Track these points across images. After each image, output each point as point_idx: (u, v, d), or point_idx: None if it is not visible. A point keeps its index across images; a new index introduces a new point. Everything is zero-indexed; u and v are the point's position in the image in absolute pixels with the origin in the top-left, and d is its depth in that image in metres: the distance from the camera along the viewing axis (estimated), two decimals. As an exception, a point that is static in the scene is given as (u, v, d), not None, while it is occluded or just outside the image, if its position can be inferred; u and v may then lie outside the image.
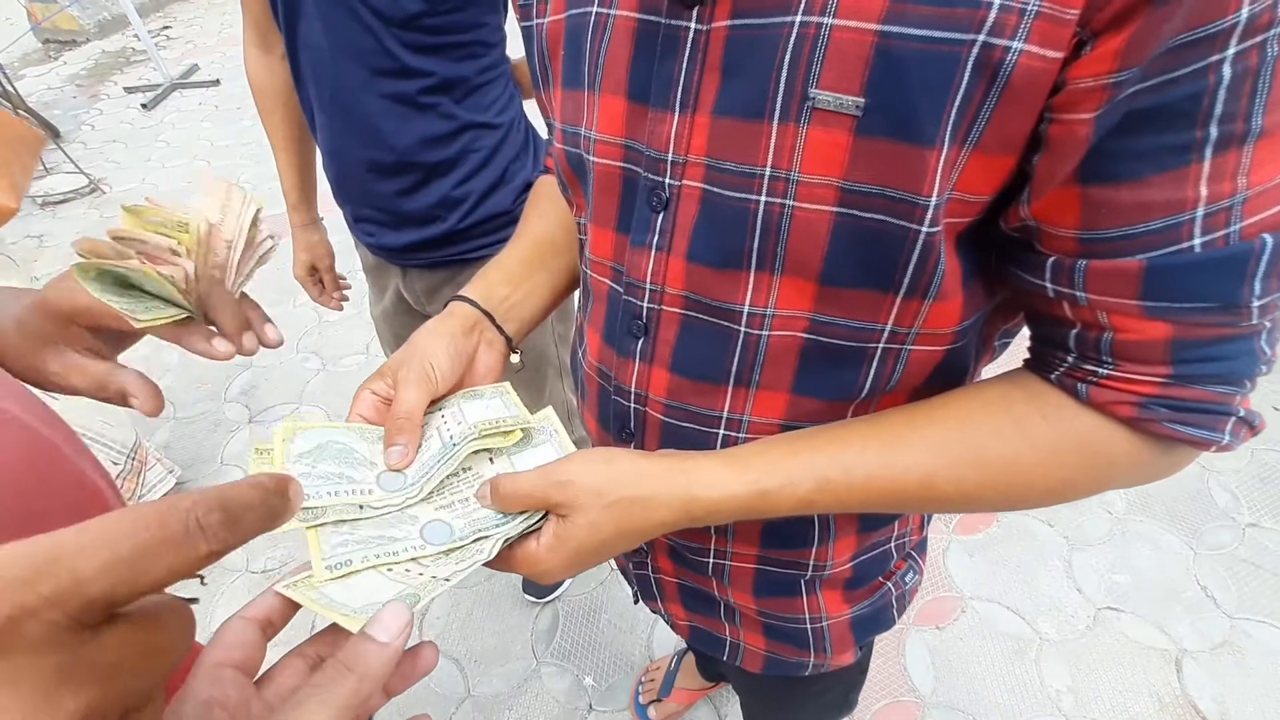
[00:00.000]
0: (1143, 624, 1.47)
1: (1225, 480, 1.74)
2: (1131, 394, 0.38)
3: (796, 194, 0.38)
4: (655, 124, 0.42)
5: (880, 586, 0.63)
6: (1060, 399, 0.41)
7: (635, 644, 1.53)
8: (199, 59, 4.74)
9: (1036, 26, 0.31)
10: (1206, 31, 0.29)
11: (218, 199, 0.51)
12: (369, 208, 1.05)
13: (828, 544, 0.56)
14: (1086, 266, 0.36)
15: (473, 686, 1.47)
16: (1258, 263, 0.33)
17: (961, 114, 0.33)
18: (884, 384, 0.45)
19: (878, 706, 1.38)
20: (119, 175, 3.48)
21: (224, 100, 4.16)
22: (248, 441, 2.04)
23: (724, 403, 0.48)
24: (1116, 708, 1.35)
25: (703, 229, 0.43)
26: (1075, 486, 0.42)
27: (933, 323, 0.42)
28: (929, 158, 0.34)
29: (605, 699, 1.44)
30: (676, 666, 1.43)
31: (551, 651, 1.52)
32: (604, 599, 1.61)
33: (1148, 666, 1.41)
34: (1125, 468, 0.41)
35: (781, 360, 0.45)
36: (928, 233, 0.37)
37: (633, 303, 0.49)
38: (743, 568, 0.59)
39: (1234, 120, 0.31)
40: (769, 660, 0.67)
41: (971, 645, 1.47)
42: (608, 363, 0.54)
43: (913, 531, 0.63)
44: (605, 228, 0.50)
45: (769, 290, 0.42)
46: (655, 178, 0.44)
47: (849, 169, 0.36)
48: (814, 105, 0.36)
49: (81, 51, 5.15)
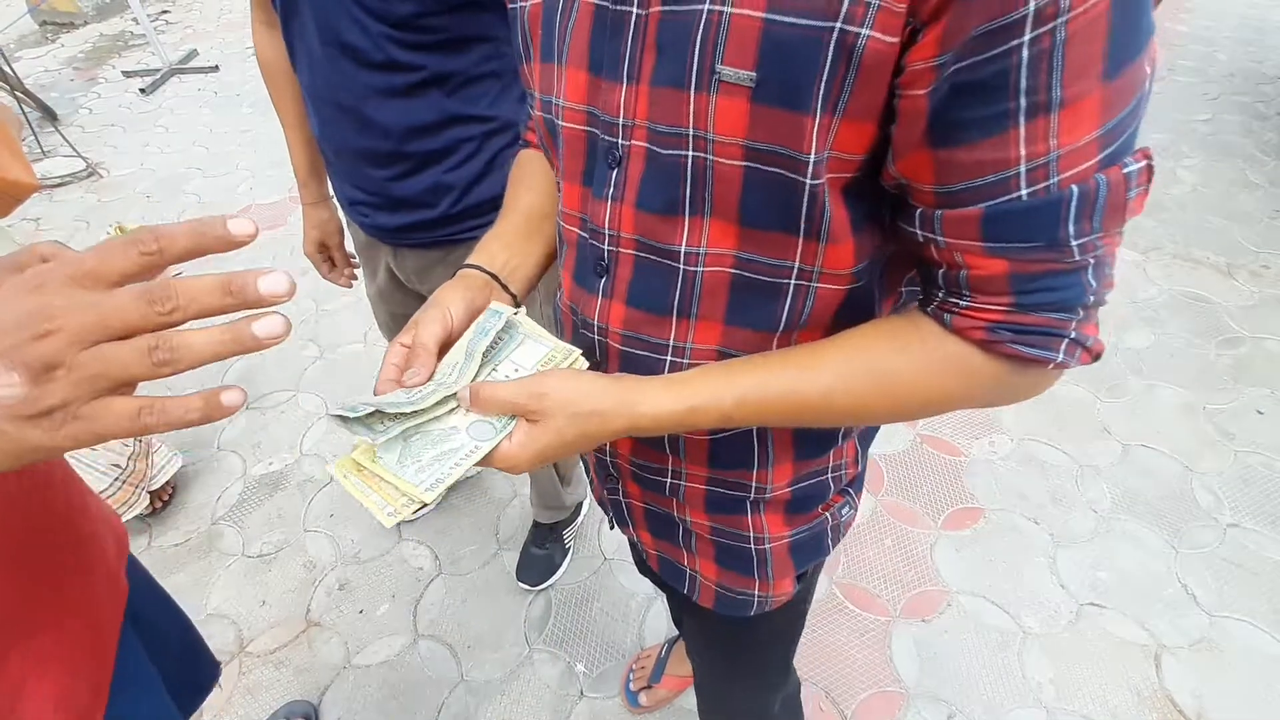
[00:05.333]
0: (1124, 620, 1.50)
1: (1208, 481, 1.77)
2: (982, 320, 0.46)
3: (714, 150, 0.46)
4: (608, 93, 0.50)
5: (818, 515, 0.70)
6: (934, 327, 0.49)
7: (627, 632, 1.55)
8: (198, 44, 4.71)
9: (879, 17, 0.38)
10: (1004, 21, 0.35)
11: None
12: (362, 191, 1.07)
13: (767, 468, 0.64)
14: (942, 215, 0.44)
15: (466, 672, 1.49)
16: (1068, 208, 0.40)
17: (829, 87, 0.40)
18: (798, 318, 0.53)
19: (863, 696, 1.41)
20: (117, 159, 3.47)
21: (223, 87, 4.15)
22: (245, 427, 2.05)
23: (670, 332, 0.56)
24: (1096, 700, 1.38)
25: (647, 181, 0.51)
26: (951, 397, 0.50)
27: (831, 263, 0.50)
28: (806, 122, 0.42)
29: (596, 685, 1.46)
30: (667, 654, 1.45)
31: (544, 639, 1.54)
32: (596, 588, 1.64)
33: (1128, 661, 1.44)
34: (987, 383, 0.49)
35: (715, 293, 0.53)
36: (812, 184, 0.44)
37: (596, 246, 0.57)
38: (695, 488, 0.67)
39: (1037, 92, 0.37)
40: (720, 595, 0.75)
41: (956, 638, 1.49)
42: (578, 300, 0.61)
43: (847, 465, 0.70)
44: (573, 183, 0.57)
45: (701, 232, 0.50)
46: (610, 139, 0.51)
47: (750, 130, 0.44)
48: (720, 78, 0.43)
49: (79, 34, 5.11)
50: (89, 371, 0.33)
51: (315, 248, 1.30)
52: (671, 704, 1.43)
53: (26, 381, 0.31)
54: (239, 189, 3.20)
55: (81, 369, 0.32)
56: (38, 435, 0.33)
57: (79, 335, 0.32)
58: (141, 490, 1.69)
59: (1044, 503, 1.75)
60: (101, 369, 0.33)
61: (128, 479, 1.64)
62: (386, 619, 1.60)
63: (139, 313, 0.33)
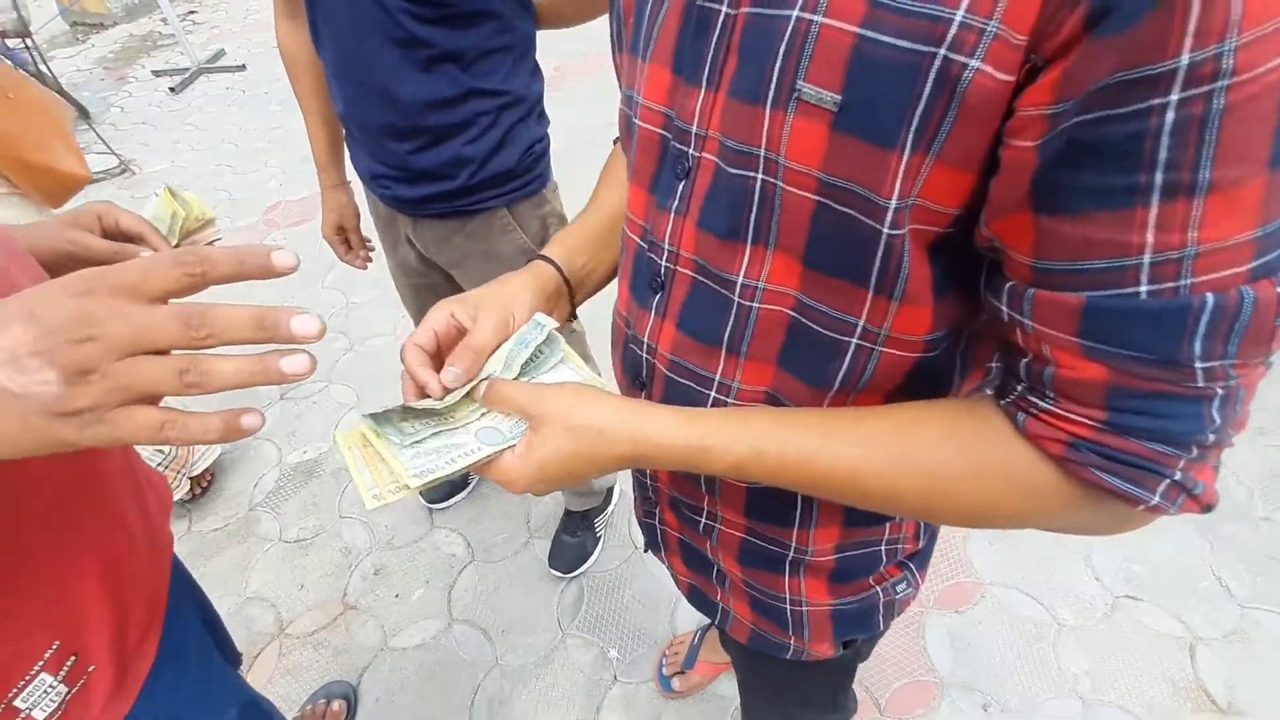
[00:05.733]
0: (1159, 612, 1.50)
1: (1242, 476, 1.76)
2: (1065, 432, 0.38)
3: (785, 177, 0.40)
4: (686, 97, 0.45)
5: (868, 588, 0.63)
6: (1002, 424, 0.41)
7: (659, 620, 1.56)
8: (225, 44, 4.79)
9: (994, 47, 0.31)
10: (1146, 73, 0.28)
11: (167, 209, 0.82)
12: (384, 165, 1.12)
13: (809, 529, 0.57)
14: (1034, 296, 0.36)
15: (500, 656, 1.51)
16: (1197, 321, 0.32)
17: (924, 123, 0.34)
18: (856, 380, 0.47)
19: (897, 686, 1.41)
20: (149, 156, 3.54)
21: (250, 86, 4.21)
22: (280, 416, 2.09)
23: (718, 366, 0.51)
24: (1132, 691, 1.38)
25: (712, 199, 0.46)
26: (999, 510, 0.42)
27: (902, 326, 0.43)
28: (890, 160, 0.36)
29: (629, 671, 1.48)
30: (700, 641, 1.46)
31: (577, 624, 1.56)
32: (628, 575, 1.65)
33: (1163, 652, 1.43)
34: (1051, 506, 0.40)
35: (769, 334, 0.48)
36: (889, 234, 0.38)
37: (654, 260, 0.52)
38: (730, 534, 0.62)
39: (1180, 169, 0.30)
40: (754, 634, 0.70)
41: (990, 629, 1.50)
42: (631, 312, 0.57)
43: (907, 540, 0.62)
44: (641, 187, 0.53)
45: (762, 264, 0.45)
46: (681, 147, 0.47)
47: (826, 161, 0.38)
48: (800, 96, 0.38)
49: (109, 35, 5.21)
50: (120, 381, 0.34)
51: (333, 230, 1.36)
52: (704, 690, 1.44)
53: (61, 381, 0.33)
54: (268, 185, 3.24)
55: (114, 378, 0.34)
56: (64, 431, 0.35)
57: (116, 346, 0.34)
58: (183, 476, 1.73)
59: (1076, 496, 1.75)
60: (132, 381, 0.34)
61: (170, 464, 1.68)
62: (421, 604, 1.62)
63: (176, 334, 0.34)
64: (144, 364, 0.34)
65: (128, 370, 0.34)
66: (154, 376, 0.34)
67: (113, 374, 0.34)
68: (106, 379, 0.34)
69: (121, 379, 0.34)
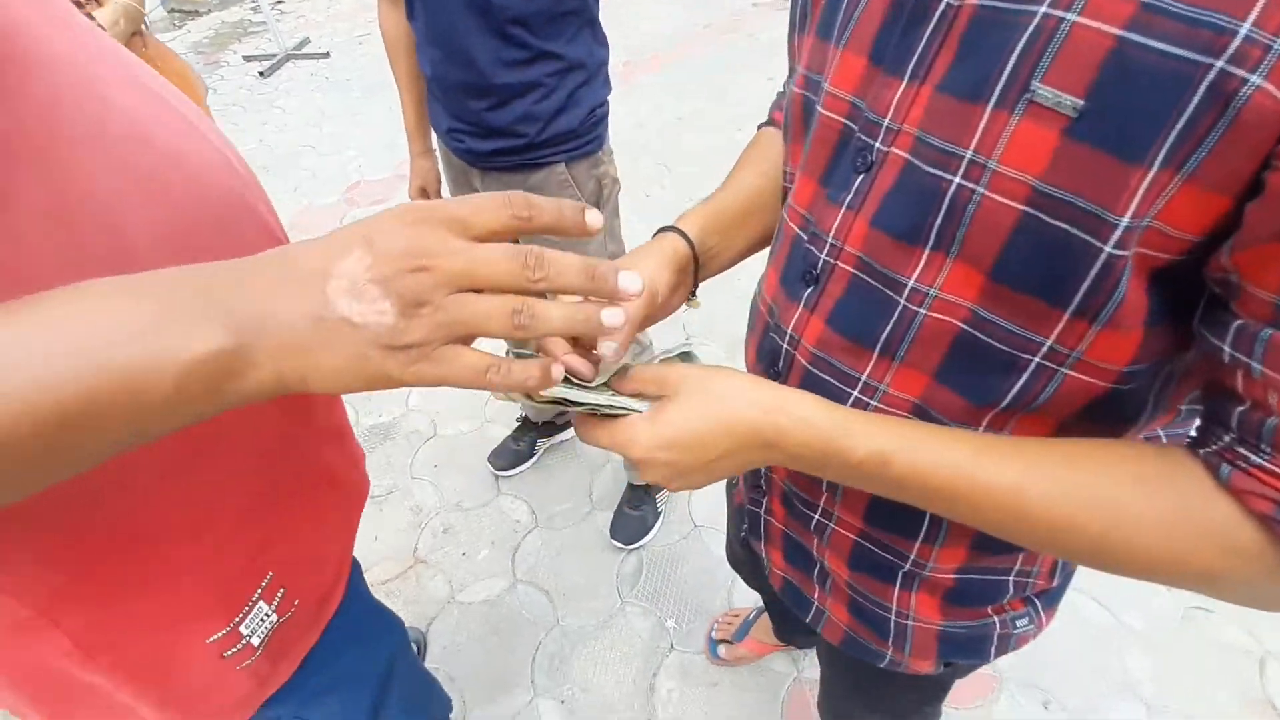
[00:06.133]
0: (1230, 625, 1.46)
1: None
2: (1277, 490, 0.34)
3: (990, 183, 0.38)
4: (882, 88, 0.43)
5: (985, 616, 0.60)
6: (1200, 474, 0.38)
7: (715, 595, 1.60)
8: (310, 32, 5.01)
9: (1279, 65, 0.29)
10: None
11: None
12: (461, 121, 1.25)
13: (934, 544, 0.55)
14: (1270, 338, 0.33)
15: (561, 618, 1.57)
16: None
17: (1182, 138, 0.32)
18: (1029, 401, 0.44)
19: (953, 676, 1.41)
20: (238, 136, 3.73)
21: (334, 72, 4.40)
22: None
23: (866, 367, 0.49)
24: (1198, 701, 1.35)
25: (894, 197, 0.44)
26: (1186, 565, 0.38)
27: (1099, 352, 0.40)
28: (1133, 175, 0.33)
29: (686, 641, 1.52)
30: (753, 619, 1.49)
31: (636, 594, 1.61)
32: (685, 551, 1.69)
33: (1232, 665, 1.40)
34: (1246, 570, 0.37)
35: (932, 343, 0.45)
36: (1111, 253, 0.35)
37: (812, 252, 0.51)
38: (844, 535, 0.60)
39: None
40: (848, 638, 0.68)
41: (1054, 629, 1.46)
42: (778, 301, 0.56)
43: (1040, 575, 0.59)
44: (811, 178, 0.52)
45: (939, 271, 0.43)
46: (867, 139, 0.45)
47: (1048, 170, 0.36)
48: (1032, 98, 0.35)
49: (203, 21, 5.51)
50: (451, 316, 0.33)
51: (418, 192, 1.50)
52: (751, 665, 1.47)
53: (396, 312, 0.32)
54: (349, 166, 3.39)
55: (445, 311, 0.33)
56: (391, 365, 0.33)
57: (449, 278, 0.33)
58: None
59: (1146, 505, 1.71)
60: (465, 316, 0.33)
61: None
62: (487, 563, 1.69)
63: (509, 272, 0.33)
64: (476, 300, 0.33)
65: (461, 305, 0.33)
66: (486, 313, 0.33)
67: (445, 307, 0.33)
68: (439, 312, 0.33)
69: (453, 312, 0.33)
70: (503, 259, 0.33)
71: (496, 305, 0.34)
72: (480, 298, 0.34)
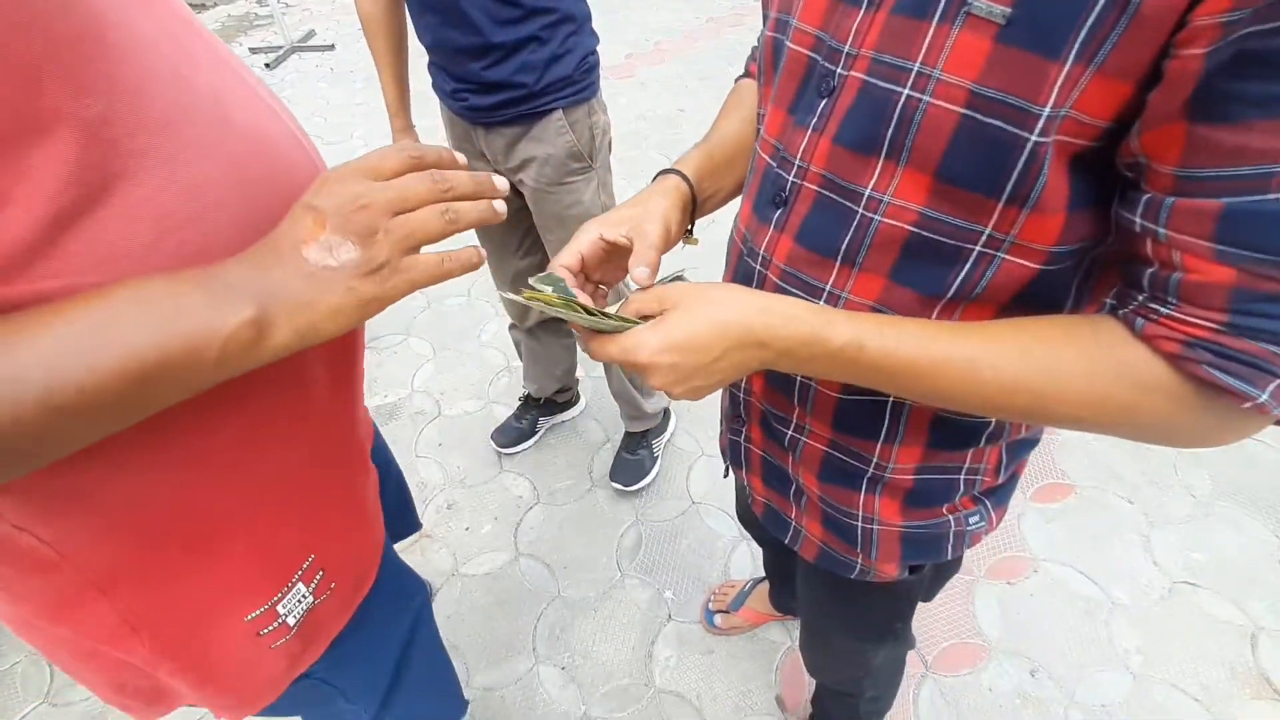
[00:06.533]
0: (1219, 600, 1.49)
1: (1317, 477, 1.72)
2: (1181, 333, 0.40)
3: (934, 90, 0.43)
4: (843, 17, 0.48)
5: (940, 515, 0.66)
6: (1118, 329, 0.44)
7: (713, 568, 1.63)
8: (315, 25, 5.05)
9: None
10: None
11: None
12: (463, 82, 1.31)
13: (893, 444, 0.61)
14: (1173, 205, 0.38)
15: (562, 589, 1.60)
16: None
17: (1091, 34, 0.36)
18: (971, 288, 0.49)
19: (944, 645, 1.45)
20: (245, 125, 3.77)
21: (339, 64, 4.44)
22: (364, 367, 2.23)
23: (830, 276, 0.54)
24: (1187, 673, 1.38)
25: (852, 115, 0.49)
26: (1107, 406, 0.44)
27: (1028, 234, 0.45)
28: (1051, 70, 0.38)
29: (683, 611, 1.55)
30: (749, 590, 1.52)
31: (635, 566, 1.64)
32: (684, 526, 1.72)
33: (1222, 639, 1.43)
34: (1159, 403, 0.43)
35: (886, 247, 0.50)
36: (1036, 141, 0.40)
37: (781, 176, 0.56)
38: (814, 447, 0.66)
39: None
40: (823, 552, 0.74)
41: (1041, 601, 1.51)
42: (751, 227, 0.61)
43: (987, 472, 0.65)
44: (780, 108, 0.56)
45: (891, 179, 0.48)
46: (829, 66, 0.50)
47: (983, 73, 0.40)
48: (969, 10, 0.40)
49: (209, 14, 5.55)
50: (401, 232, 0.43)
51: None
52: (746, 634, 1.50)
53: (358, 246, 0.42)
54: (354, 155, 3.40)
55: (395, 230, 0.43)
56: (372, 288, 0.42)
57: (386, 206, 0.42)
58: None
59: (1139, 484, 1.74)
60: (410, 229, 0.43)
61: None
62: (490, 537, 1.73)
63: (427, 189, 0.44)
64: (414, 215, 0.44)
65: (403, 222, 0.43)
66: (423, 220, 0.44)
67: (392, 229, 0.43)
68: (390, 234, 0.42)
69: (400, 230, 0.43)
70: (418, 182, 0.44)
71: (429, 213, 0.44)
72: (415, 213, 0.44)
